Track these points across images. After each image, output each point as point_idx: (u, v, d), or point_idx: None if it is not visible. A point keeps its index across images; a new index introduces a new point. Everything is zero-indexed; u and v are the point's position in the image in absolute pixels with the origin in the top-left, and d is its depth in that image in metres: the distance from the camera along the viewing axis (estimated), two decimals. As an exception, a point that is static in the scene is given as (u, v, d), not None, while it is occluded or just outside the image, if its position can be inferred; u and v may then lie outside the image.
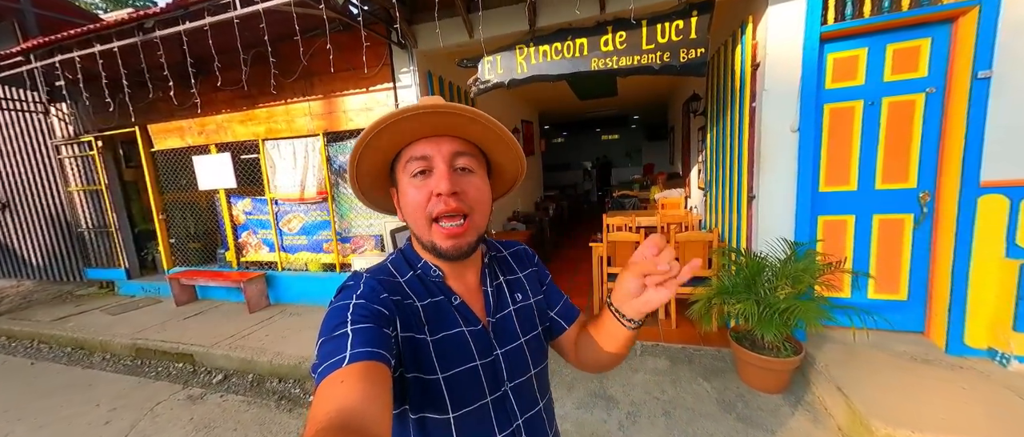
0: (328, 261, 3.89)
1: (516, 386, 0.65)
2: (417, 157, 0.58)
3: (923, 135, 2.24)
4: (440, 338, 0.60)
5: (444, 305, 0.63)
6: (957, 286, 2.17)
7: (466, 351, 0.61)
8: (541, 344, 0.71)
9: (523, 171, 0.70)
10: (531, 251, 0.81)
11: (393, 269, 0.65)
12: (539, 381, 0.69)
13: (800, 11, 2.25)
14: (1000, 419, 1.70)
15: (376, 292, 0.57)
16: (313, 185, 3.68)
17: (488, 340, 0.64)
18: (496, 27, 2.88)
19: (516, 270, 0.75)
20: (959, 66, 2.08)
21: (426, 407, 0.59)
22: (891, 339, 2.36)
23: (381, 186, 0.67)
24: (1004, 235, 2.05)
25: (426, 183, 0.58)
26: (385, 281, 0.61)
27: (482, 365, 0.61)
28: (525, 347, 0.67)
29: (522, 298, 0.71)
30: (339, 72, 3.38)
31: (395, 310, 0.57)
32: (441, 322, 0.61)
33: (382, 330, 0.52)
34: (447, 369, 0.59)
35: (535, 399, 0.68)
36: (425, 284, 0.64)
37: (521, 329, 0.68)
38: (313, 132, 3.60)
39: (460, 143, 0.60)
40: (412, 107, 0.54)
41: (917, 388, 1.94)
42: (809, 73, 2.28)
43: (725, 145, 3.06)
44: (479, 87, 2.95)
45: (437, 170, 0.58)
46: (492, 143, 0.63)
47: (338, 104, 3.48)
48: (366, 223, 3.68)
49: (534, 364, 0.68)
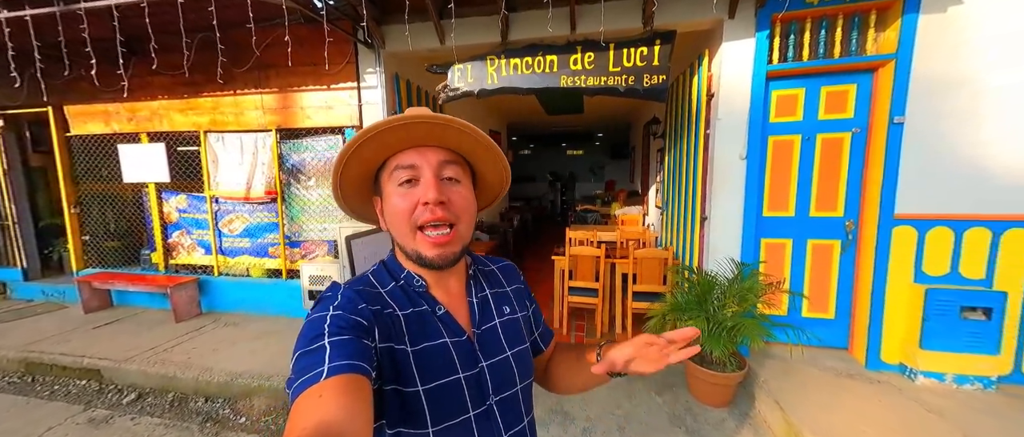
0: (273, 267, 3.59)
1: (502, 400, 0.63)
2: (404, 166, 0.58)
3: (849, 169, 2.50)
4: (421, 349, 0.58)
5: (427, 315, 0.61)
6: (875, 307, 2.41)
7: (449, 363, 0.59)
8: (528, 359, 0.70)
9: (507, 182, 0.70)
10: (516, 268, 0.81)
11: (374, 280, 0.63)
12: (524, 396, 0.68)
13: (750, 50, 2.45)
14: (910, 428, 1.88)
15: (354, 302, 0.55)
16: (261, 184, 3.41)
17: (473, 351, 0.62)
18: (468, 36, 2.86)
19: (503, 284, 0.74)
20: (879, 111, 2.35)
21: (403, 421, 0.56)
22: (821, 355, 2.56)
23: (363, 194, 0.67)
24: (913, 262, 2.32)
25: (412, 192, 0.58)
26: (364, 291, 0.59)
27: (466, 377, 0.60)
28: (512, 360, 0.65)
29: (509, 311, 0.70)
30: (298, 66, 3.19)
31: (374, 320, 0.55)
32: (423, 332, 0.59)
33: (361, 341, 0.50)
34: (428, 381, 0.57)
35: (520, 415, 0.66)
36: (408, 294, 0.62)
37: (507, 342, 0.66)
38: (264, 127, 3.35)
39: (447, 153, 0.60)
40: (400, 117, 0.54)
41: (842, 402, 2.11)
42: (756, 107, 2.47)
43: (682, 168, 3.23)
44: (448, 94, 2.90)
45: (424, 179, 0.58)
46: (479, 154, 0.63)
47: (295, 100, 3.28)
48: (319, 227, 3.46)
49: (521, 378, 0.66)
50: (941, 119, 2.19)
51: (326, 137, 3.33)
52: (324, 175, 3.39)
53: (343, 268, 2.94)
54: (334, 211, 3.41)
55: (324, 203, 3.42)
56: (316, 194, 3.43)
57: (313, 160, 3.39)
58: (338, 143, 3.31)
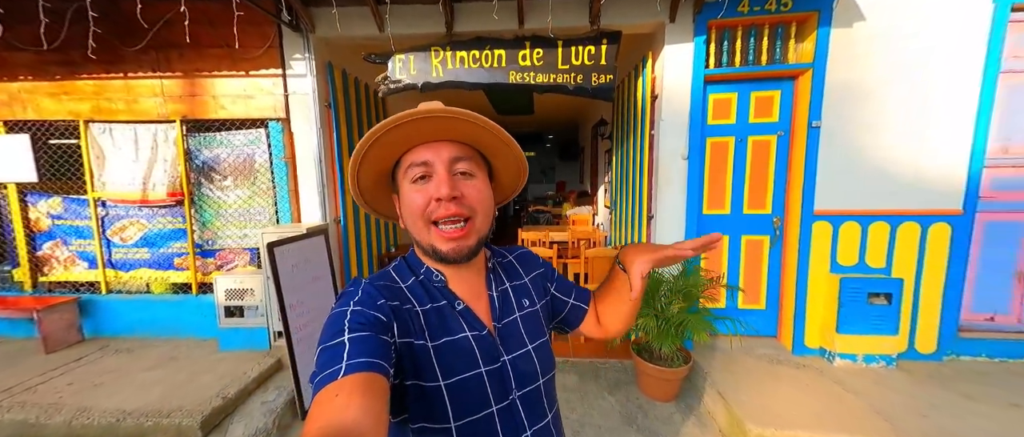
0: (181, 280, 3.08)
1: (524, 395, 0.63)
2: (417, 163, 0.59)
3: (776, 169, 2.69)
4: (441, 344, 0.58)
5: (446, 310, 0.62)
6: (799, 296, 2.61)
7: (470, 357, 0.59)
8: (549, 352, 0.70)
9: (525, 175, 0.70)
10: (532, 253, 0.81)
11: (395, 275, 0.65)
12: (547, 391, 0.67)
13: (689, 54, 2.54)
14: (832, 409, 2.04)
15: (374, 298, 0.57)
16: (163, 184, 2.91)
17: (494, 346, 0.62)
18: (409, 25, 2.66)
19: (522, 275, 0.74)
20: (799, 116, 2.55)
21: (426, 416, 0.57)
22: (755, 344, 2.73)
23: (383, 192, 0.67)
24: (829, 254, 2.55)
25: (426, 188, 0.58)
26: (384, 286, 0.60)
27: (487, 372, 0.60)
28: (533, 354, 0.65)
29: (529, 304, 0.70)
30: (208, 48, 2.76)
31: (392, 315, 0.56)
32: (443, 327, 0.60)
33: (380, 337, 0.51)
34: (449, 376, 0.57)
35: (544, 410, 0.66)
36: (427, 289, 0.63)
37: (528, 336, 0.66)
38: (165, 117, 2.86)
39: (460, 147, 0.60)
40: (409, 113, 0.54)
41: (776, 388, 2.24)
42: (696, 109, 2.57)
43: (629, 167, 3.29)
44: (389, 87, 2.68)
45: (437, 175, 0.58)
46: (494, 147, 0.63)
47: (205, 87, 2.83)
48: (238, 234, 3.02)
49: (543, 373, 0.66)
50: (849, 124, 2.43)
51: (246, 131, 2.92)
52: (244, 174, 2.97)
53: (266, 279, 2.59)
54: (256, 215, 3.01)
55: (244, 206, 3.00)
56: (234, 196, 2.99)
57: (230, 157, 2.95)
58: (260, 138, 2.92)
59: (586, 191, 6.64)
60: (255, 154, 2.94)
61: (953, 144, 2.36)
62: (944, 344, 2.50)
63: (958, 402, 2.07)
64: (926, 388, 2.22)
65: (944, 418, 1.93)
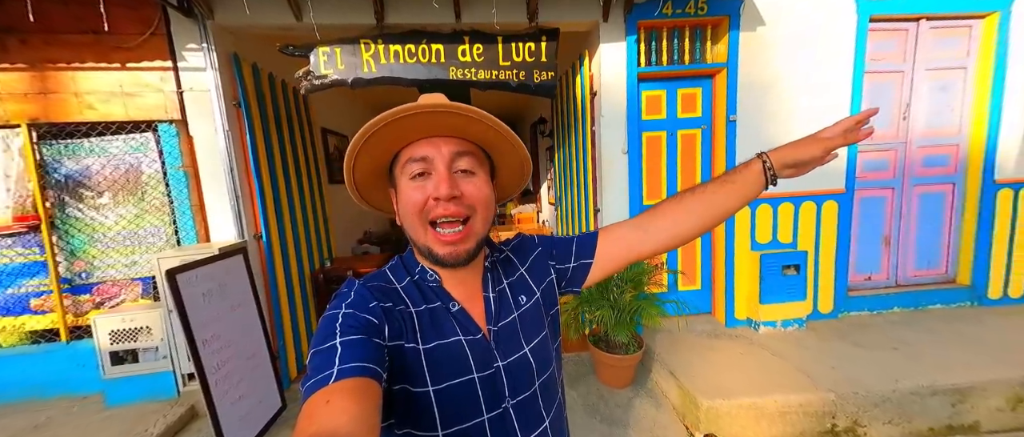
0: (42, 326, 2.44)
1: (518, 403, 0.61)
2: (416, 159, 0.56)
3: (702, 160, 2.94)
4: (433, 347, 0.57)
5: (440, 312, 0.60)
6: (728, 274, 2.89)
7: (462, 362, 0.57)
8: (547, 350, 0.67)
9: (528, 173, 0.68)
10: (531, 235, 0.79)
11: (391, 275, 0.63)
12: (544, 394, 0.64)
13: (623, 52, 2.66)
14: (764, 372, 2.27)
15: (366, 300, 0.55)
16: (5, 206, 2.27)
17: (488, 351, 0.60)
18: (333, 14, 2.41)
19: (519, 266, 0.71)
20: (718, 110, 2.81)
21: (412, 422, 0.55)
22: (695, 322, 2.95)
23: (379, 187, 0.65)
24: (750, 234, 2.85)
25: (425, 185, 0.56)
26: (377, 288, 0.59)
27: (480, 378, 0.58)
28: (529, 356, 0.63)
29: (526, 299, 0.67)
30: (64, 34, 2.21)
31: (383, 318, 0.55)
32: (436, 330, 0.58)
33: (372, 341, 0.51)
34: (439, 381, 0.55)
35: (540, 416, 0.63)
36: (422, 290, 0.61)
37: (525, 337, 0.64)
38: (6, 121, 2.23)
39: (461, 143, 0.58)
40: (409, 106, 0.52)
41: (716, 360, 2.44)
42: (632, 105, 2.70)
43: (572, 163, 3.36)
44: (312, 83, 2.40)
45: (437, 172, 0.56)
46: (496, 144, 0.61)
47: (63, 82, 2.26)
48: (124, 262, 2.48)
49: (539, 374, 0.64)
50: (758, 116, 2.73)
51: (126, 136, 2.40)
52: (128, 189, 2.44)
53: (167, 313, 2.16)
54: (148, 237, 2.49)
55: (130, 227, 2.46)
56: (115, 215, 2.44)
57: (106, 168, 2.40)
58: (147, 143, 2.42)
59: (529, 189, 6.73)
60: (141, 163, 2.44)
61: (836, 133, 2.78)
62: (838, 303, 2.94)
63: (855, 352, 2.44)
64: (830, 343, 2.58)
65: (848, 366, 2.26)
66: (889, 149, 2.96)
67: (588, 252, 0.75)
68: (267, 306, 2.53)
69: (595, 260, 0.74)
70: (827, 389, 2.06)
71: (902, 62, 2.86)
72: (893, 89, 2.89)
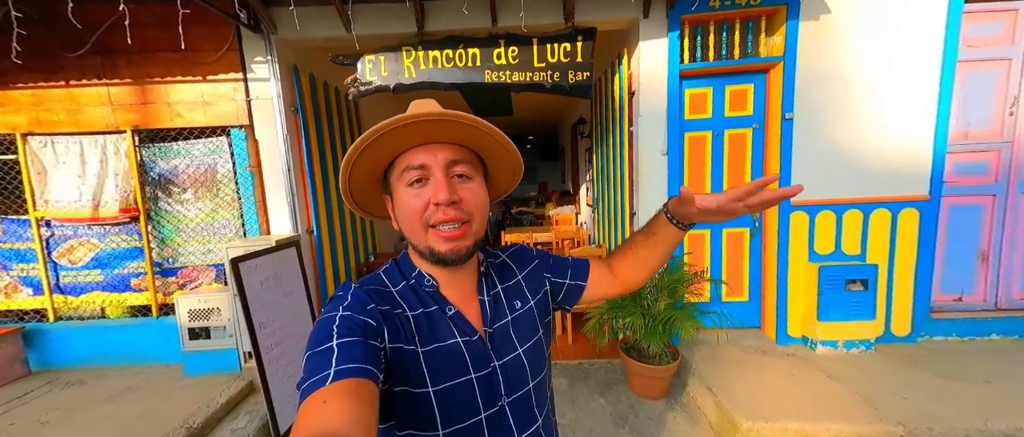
0: (139, 302, 2.86)
1: (513, 401, 0.62)
2: (414, 166, 0.57)
3: (752, 161, 2.72)
4: (432, 350, 0.58)
5: (437, 315, 0.61)
6: (780, 286, 2.64)
7: (460, 363, 0.59)
8: (541, 353, 0.69)
9: (520, 175, 0.70)
10: (529, 247, 0.80)
11: (386, 278, 0.64)
12: (537, 394, 0.66)
13: (664, 49, 2.54)
14: (818, 397, 2.05)
15: (363, 303, 0.56)
16: (114, 200, 2.69)
17: (485, 351, 0.61)
18: (378, 24, 2.56)
19: (516, 272, 0.73)
20: (773, 108, 2.59)
21: (413, 423, 0.57)
22: (740, 336, 2.74)
23: (374, 194, 0.66)
24: (807, 243, 2.58)
25: (423, 192, 0.57)
26: (374, 291, 0.59)
27: (477, 378, 0.59)
28: (523, 357, 0.64)
29: (521, 305, 0.69)
30: (159, 52, 2.57)
31: (382, 320, 0.55)
32: (433, 333, 0.59)
33: (368, 343, 0.51)
34: (438, 382, 0.57)
35: (533, 415, 0.65)
36: (418, 294, 0.62)
37: (519, 339, 0.65)
38: (116, 127, 2.65)
39: (457, 150, 0.58)
40: (406, 116, 0.53)
41: (763, 379, 2.25)
42: (673, 104, 2.57)
43: (609, 165, 3.28)
44: (359, 89, 2.57)
45: (435, 179, 0.56)
46: (490, 149, 0.62)
47: (158, 93, 2.64)
48: (201, 250, 2.83)
49: (532, 375, 0.65)
50: (821, 115, 2.47)
51: (206, 140, 2.74)
52: (206, 186, 2.79)
53: (233, 297, 2.42)
54: (221, 228, 2.82)
55: (207, 219, 2.81)
56: (195, 209, 2.80)
57: (190, 167, 2.76)
58: (222, 146, 2.74)
59: (568, 190, 6.64)
60: (217, 164, 2.77)
61: (918, 131, 2.43)
62: (918, 326, 2.57)
63: (934, 382, 2.13)
64: (904, 370, 2.27)
65: (923, 399, 1.97)
66: (990, 150, 2.53)
67: (582, 276, 0.78)
68: (315, 295, 2.75)
69: (588, 285, 0.78)
70: (895, 422, 1.81)
71: (1009, 46, 2.44)
72: (995, 80, 2.47)
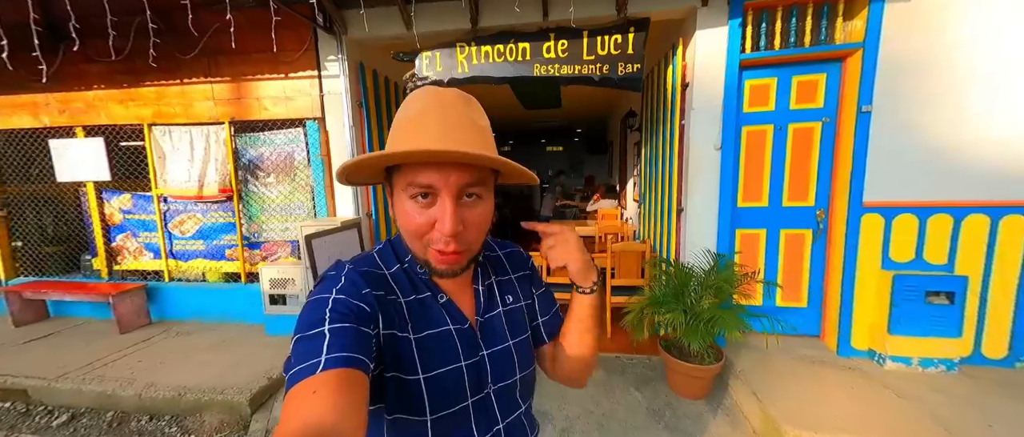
0: (231, 270, 3.34)
1: (500, 389, 0.63)
2: (421, 185, 0.52)
3: (819, 159, 2.51)
4: (424, 337, 0.57)
5: (429, 302, 0.61)
6: (845, 294, 2.44)
7: (451, 351, 0.59)
8: (529, 348, 0.70)
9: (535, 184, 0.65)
10: (526, 254, 0.78)
11: (379, 260, 0.62)
12: (523, 386, 0.67)
13: (723, 38, 2.42)
14: (881, 413, 1.90)
15: (358, 286, 0.54)
16: (214, 181, 3.15)
17: (475, 340, 0.62)
18: (435, 22, 2.71)
19: (509, 271, 0.73)
20: (847, 100, 2.37)
21: (402, 408, 0.56)
22: (794, 343, 2.58)
23: (371, 175, 0.62)
24: (880, 249, 2.35)
25: (428, 211, 0.53)
26: (368, 273, 0.58)
27: (466, 366, 0.59)
28: (513, 350, 0.65)
29: (512, 300, 0.69)
30: (252, 53, 2.95)
31: (377, 306, 0.54)
32: (426, 320, 0.59)
33: (361, 329, 0.49)
34: (429, 369, 0.56)
35: (517, 403, 0.66)
36: (411, 279, 0.61)
37: (510, 331, 0.66)
38: (216, 119, 3.09)
39: (470, 173, 0.53)
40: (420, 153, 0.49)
41: (817, 390, 2.12)
42: (730, 96, 2.45)
43: (658, 160, 3.19)
44: (416, 83, 2.75)
45: (443, 205, 0.52)
46: (505, 168, 0.57)
47: (249, 89, 3.03)
48: (280, 227, 3.23)
49: (521, 368, 0.66)
50: (906, 108, 2.22)
51: (285, 130, 3.11)
52: (285, 171, 3.17)
53: (305, 269, 2.75)
54: (296, 209, 3.20)
55: (285, 201, 3.20)
56: (276, 191, 3.20)
57: (272, 155, 3.15)
58: (299, 137, 3.09)
59: (614, 185, 6.50)
60: (294, 152, 3.13)
61: (1031, 127, 2.10)
62: (1017, 349, 2.25)
63: (1032, 413, 1.87)
64: (993, 397, 2.01)
65: (1013, 431, 1.75)
66: None
67: (556, 329, 0.75)
68: (373, 273, 3.03)
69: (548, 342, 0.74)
70: (973, 450, 1.64)
71: None
72: None
